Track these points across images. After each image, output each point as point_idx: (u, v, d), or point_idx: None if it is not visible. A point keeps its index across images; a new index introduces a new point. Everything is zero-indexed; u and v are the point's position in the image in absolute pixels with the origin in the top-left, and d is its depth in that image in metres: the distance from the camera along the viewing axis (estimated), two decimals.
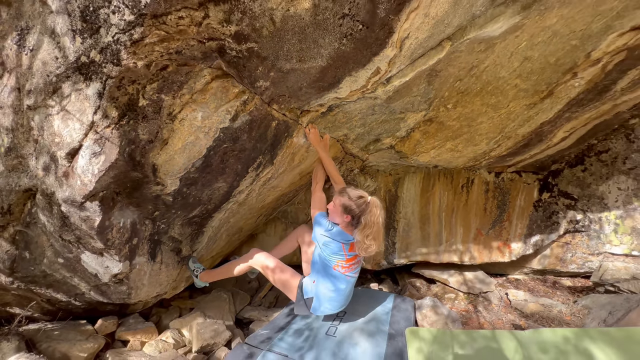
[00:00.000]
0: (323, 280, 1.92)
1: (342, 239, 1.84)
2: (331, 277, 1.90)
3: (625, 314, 2.11)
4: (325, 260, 1.89)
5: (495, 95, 1.97)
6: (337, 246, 1.84)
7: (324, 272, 1.91)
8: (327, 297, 1.93)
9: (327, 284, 1.91)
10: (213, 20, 1.07)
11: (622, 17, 1.49)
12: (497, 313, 2.76)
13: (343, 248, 1.85)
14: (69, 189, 1.39)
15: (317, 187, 2.13)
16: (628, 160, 2.86)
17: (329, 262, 1.88)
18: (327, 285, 1.91)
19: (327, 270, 1.90)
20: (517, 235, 3.04)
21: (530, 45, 1.65)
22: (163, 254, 2.03)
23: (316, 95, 1.62)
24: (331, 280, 1.90)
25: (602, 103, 2.10)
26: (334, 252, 1.85)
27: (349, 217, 1.82)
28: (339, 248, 1.84)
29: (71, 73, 1.21)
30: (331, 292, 1.92)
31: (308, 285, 1.98)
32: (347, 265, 1.89)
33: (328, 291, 1.92)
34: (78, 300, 2.06)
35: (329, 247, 1.84)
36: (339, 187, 2.00)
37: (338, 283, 1.91)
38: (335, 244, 1.83)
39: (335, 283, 1.91)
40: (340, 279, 1.91)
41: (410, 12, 1.19)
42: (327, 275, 1.90)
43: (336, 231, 1.83)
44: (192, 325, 2.32)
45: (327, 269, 1.90)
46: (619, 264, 2.62)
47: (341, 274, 1.90)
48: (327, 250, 1.85)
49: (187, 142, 1.47)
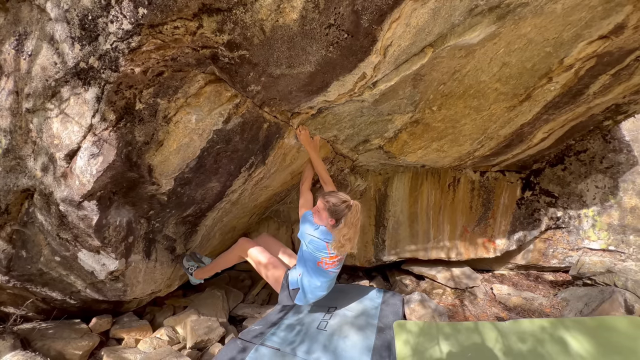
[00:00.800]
0: (308, 274, 2.04)
1: (326, 239, 1.94)
2: (315, 271, 2.03)
3: (599, 305, 2.24)
4: (311, 256, 2.00)
5: (477, 98, 2.07)
6: (321, 244, 1.95)
7: (308, 267, 2.04)
8: (311, 289, 2.07)
9: (311, 277, 2.04)
10: (207, 30, 1.13)
11: (590, 27, 1.60)
12: (482, 307, 2.88)
13: (327, 247, 1.95)
14: (67, 189, 1.44)
15: (305, 186, 2.23)
16: (605, 159, 3.00)
17: (314, 257, 2.00)
18: (311, 279, 2.05)
19: (312, 265, 2.02)
20: (501, 232, 3.16)
21: (507, 52, 1.75)
22: (158, 252, 2.08)
23: (306, 98, 1.70)
24: (315, 274, 2.04)
25: (576, 106, 2.22)
26: (319, 249, 1.96)
27: (333, 221, 1.93)
28: (323, 246, 1.95)
29: (70, 78, 1.27)
30: (315, 285, 2.06)
31: (294, 277, 2.09)
32: (331, 262, 2.02)
33: (312, 284, 2.06)
34: (73, 298, 2.10)
35: (314, 244, 1.95)
36: (324, 191, 2.10)
37: (321, 277, 2.05)
38: (319, 242, 1.94)
39: (319, 277, 2.05)
40: (323, 274, 2.05)
41: (392, 22, 1.28)
42: (312, 270, 2.03)
43: (321, 231, 1.94)
44: (186, 323, 2.37)
45: (312, 264, 2.02)
46: (595, 258, 2.76)
47: (324, 270, 2.03)
48: (311, 246, 1.97)
49: (181, 144, 1.54)
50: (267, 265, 2.13)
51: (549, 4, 1.43)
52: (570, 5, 1.44)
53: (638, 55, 1.81)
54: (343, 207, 1.90)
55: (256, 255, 2.15)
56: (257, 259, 2.15)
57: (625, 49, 1.75)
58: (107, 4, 1.10)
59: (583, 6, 1.46)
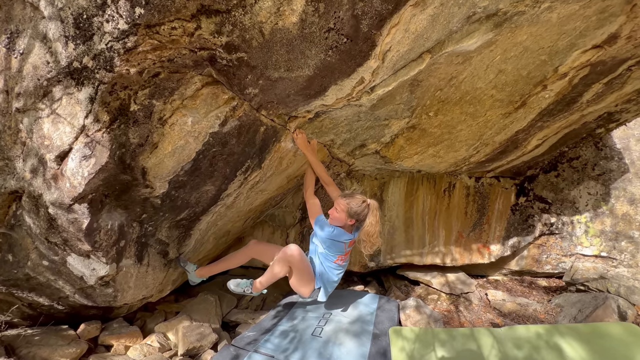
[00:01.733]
0: (326, 273, 2.18)
1: (345, 239, 2.05)
2: (332, 268, 2.18)
3: (593, 311, 2.25)
4: (328, 257, 2.13)
5: (473, 104, 2.09)
6: (340, 246, 2.07)
7: (326, 266, 2.17)
8: (330, 284, 2.24)
9: (329, 275, 2.19)
10: (205, 31, 1.12)
11: (584, 36, 1.63)
12: (477, 312, 2.87)
13: (344, 246, 2.09)
14: (58, 191, 1.40)
15: (309, 193, 2.26)
16: (597, 166, 3.05)
17: (331, 258, 2.13)
18: (329, 276, 2.20)
19: (329, 264, 2.16)
20: (496, 238, 3.18)
21: (503, 59, 1.77)
22: (150, 257, 2.04)
23: (303, 102, 1.69)
24: (332, 271, 2.19)
25: (570, 113, 2.25)
26: (339, 250, 2.09)
27: (353, 221, 2.02)
28: (342, 247, 2.08)
29: (63, 77, 1.24)
30: (333, 280, 2.23)
31: None
32: (345, 257, 2.19)
33: (331, 279, 2.22)
34: (61, 304, 2.04)
35: (335, 246, 2.07)
36: (339, 193, 2.15)
37: (337, 271, 2.21)
38: (339, 245, 2.06)
39: (335, 273, 2.21)
40: (338, 268, 2.21)
41: (391, 27, 1.28)
42: (329, 268, 2.17)
43: (338, 233, 2.02)
44: (177, 329, 2.32)
45: (329, 263, 2.15)
46: (588, 265, 2.78)
47: (339, 265, 2.19)
48: (332, 249, 2.08)
49: (177, 146, 1.51)
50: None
51: (545, 13, 1.45)
52: (566, 15, 1.47)
53: (630, 65, 1.85)
54: (363, 207, 1.99)
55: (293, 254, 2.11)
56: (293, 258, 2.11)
57: (618, 59, 1.79)
58: (103, 3, 1.08)
59: (578, 16, 1.48)
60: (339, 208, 2.00)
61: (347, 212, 1.98)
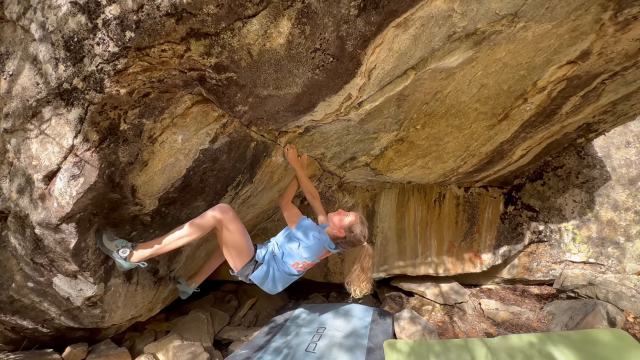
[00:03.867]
0: (277, 267, 1.91)
1: (327, 246, 1.90)
2: (285, 269, 1.90)
3: (583, 318, 2.28)
4: (290, 257, 1.88)
5: (458, 117, 2.16)
6: (318, 251, 1.86)
7: (280, 263, 1.91)
8: (276, 280, 1.93)
9: (280, 273, 1.91)
10: (194, 53, 1.15)
11: (559, 53, 1.71)
12: (471, 323, 2.87)
13: (320, 254, 1.90)
14: (45, 211, 1.39)
15: (285, 201, 2.13)
16: (580, 174, 3.14)
17: (292, 259, 1.87)
18: (280, 274, 1.91)
19: (285, 265, 1.90)
20: (486, 247, 3.21)
21: (485, 75, 1.85)
22: (139, 275, 2.00)
23: (293, 118, 1.72)
24: (283, 271, 1.91)
25: (551, 124, 2.33)
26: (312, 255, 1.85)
27: (343, 234, 1.89)
28: (317, 253, 1.87)
29: (52, 98, 1.24)
30: (280, 279, 1.93)
31: (262, 254, 1.93)
32: (304, 267, 1.93)
33: (279, 277, 1.92)
34: (46, 326, 1.98)
35: (311, 250, 1.84)
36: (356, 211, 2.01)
37: (289, 276, 1.94)
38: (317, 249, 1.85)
39: (287, 276, 1.93)
40: (291, 273, 1.93)
41: (376, 47, 1.33)
42: (282, 266, 1.90)
43: (325, 238, 1.88)
44: (168, 349, 2.26)
45: (286, 264, 1.89)
46: (577, 271, 2.83)
47: (295, 271, 1.92)
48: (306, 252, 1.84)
49: (167, 164, 1.52)
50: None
51: (521, 32, 1.53)
52: (540, 34, 1.55)
53: (604, 79, 1.94)
54: (361, 239, 1.90)
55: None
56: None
57: (592, 73, 1.88)
58: (94, 27, 1.10)
59: (551, 34, 1.56)
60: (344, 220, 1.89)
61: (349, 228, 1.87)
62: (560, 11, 1.43)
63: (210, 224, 1.68)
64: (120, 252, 1.60)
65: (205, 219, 1.68)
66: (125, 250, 1.61)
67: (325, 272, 3.35)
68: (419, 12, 1.25)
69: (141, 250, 1.64)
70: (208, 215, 1.68)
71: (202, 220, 1.68)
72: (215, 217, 1.68)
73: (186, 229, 1.66)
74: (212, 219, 1.68)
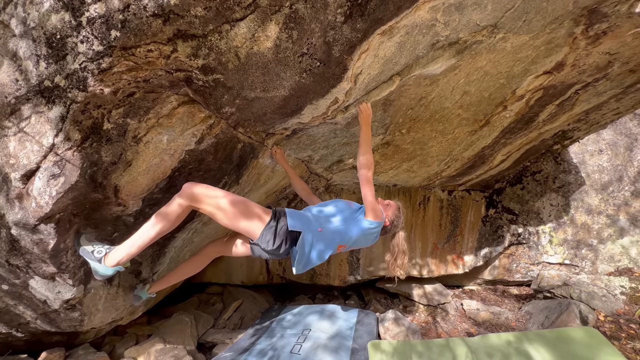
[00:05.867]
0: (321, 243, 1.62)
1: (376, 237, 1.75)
2: (329, 245, 1.63)
3: (558, 317, 2.38)
4: (340, 239, 1.64)
5: (442, 122, 2.22)
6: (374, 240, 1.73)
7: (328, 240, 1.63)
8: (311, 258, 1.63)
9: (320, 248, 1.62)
10: (181, 54, 1.15)
11: (536, 63, 1.80)
12: (453, 323, 2.94)
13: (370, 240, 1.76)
14: (22, 211, 1.35)
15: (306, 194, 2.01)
16: (557, 179, 3.28)
17: (341, 242, 1.64)
18: (318, 250, 1.61)
19: (332, 243, 1.64)
20: (469, 249, 3.30)
21: (467, 82, 1.91)
22: (121, 277, 1.96)
23: (280, 120, 1.74)
24: (325, 247, 1.63)
25: (529, 131, 2.43)
26: (368, 242, 1.72)
27: (388, 223, 1.75)
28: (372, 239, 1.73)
29: (32, 96, 1.21)
30: (316, 256, 1.62)
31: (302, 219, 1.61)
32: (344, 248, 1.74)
33: (316, 254, 1.62)
34: (21, 331, 1.91)
35: (369, 238, 1.69)
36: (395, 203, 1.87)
37: (325, 253, 1.65)
38: (375, 238, 1.72)
39: (325, 251, 1.64)
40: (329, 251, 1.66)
41: (362, 53, 1.36)
42: (329, 244, 1.64)
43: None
44: (149, 352, 2.22)
45: (334, 243, 1.64)
46: (553, 272, 2.95)
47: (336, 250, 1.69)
48: (364, 240, 1.68)
49: (151, 164, 1.50)
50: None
51: (500, 43, 1.60)
52: (518, 45, 1.62)
53: (577, 89, 2.05)
54: (399, 224, 1.80)
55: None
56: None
57: (566, 83, 1.98)
58: (78, 25, 1.09)
59: (529, 46, 1.64)
60: (389, 210, 1.79)
61: (395, 214, 1.77)
62: (536, 24, 1.50)
63: (176, 210, 1.42)
64: (95, 252, 1.45)
65: (171, 206, 1.43)
66: (100, 251, 1.45)
67: (312, 274, 3.36)
68: (403, 20, 1.29)
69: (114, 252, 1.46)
70: (174, 202, 1.43)
71: (167, 207, 1.44)
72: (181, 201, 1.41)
73: (152, 220, 1.45)
74: (176, 204, 1.42)
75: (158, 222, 1.43)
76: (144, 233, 1.45)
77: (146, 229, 1.44)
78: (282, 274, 3.43)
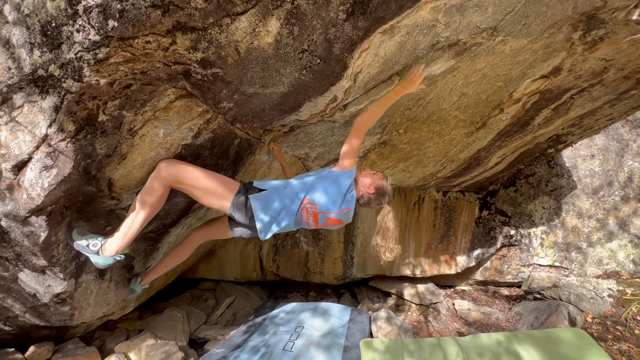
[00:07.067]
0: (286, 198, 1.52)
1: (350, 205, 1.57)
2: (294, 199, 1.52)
3: (547, 318, 2.42)
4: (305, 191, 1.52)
5: (439, 123, 2.23)
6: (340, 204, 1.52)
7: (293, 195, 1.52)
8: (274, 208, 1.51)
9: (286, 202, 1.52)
10: (180, 46, 1.13)
11: (533, 67, 1.82)
12: (445, 322, 2.98)
13: (339, 209, 1.53)
14: (12, 203, 1.32)
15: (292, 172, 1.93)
16: (549, 183, 3.32)
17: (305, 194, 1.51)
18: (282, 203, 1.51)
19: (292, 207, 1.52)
20: (462, 249, 3.34)
21: (465, 84, 1.92)
22: (113, 271, 1.94)
23: (278, 116, 1.73)
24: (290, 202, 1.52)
25: (524, 135, 2.46)
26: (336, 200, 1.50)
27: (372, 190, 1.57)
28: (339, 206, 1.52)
29: (25, 85, 1.18)
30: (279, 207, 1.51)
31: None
32: (314, 222, 1.56)
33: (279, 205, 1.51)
34: (9, 324, 1.87)
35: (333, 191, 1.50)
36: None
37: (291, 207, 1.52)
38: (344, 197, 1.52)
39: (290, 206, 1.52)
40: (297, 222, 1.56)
41: (362, 51, 1.36)
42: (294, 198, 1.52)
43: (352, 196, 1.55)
44: (140, 348, 2.20)
45: (293, 207, 1.52)
46: (543, 274, 2.99)
47: (303, 221, 1.56)
48: (328, 193, 1.50)
49: (147, 158, 1.48)
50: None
51: (499, 46, 1.61)
52: (517, 48, 1.63)
53: (573, 94, 2.07)
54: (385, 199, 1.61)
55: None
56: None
57: (562, 88, 2.00)
58: (74, 13, 1.06)
59: (527, 49, 1.66)
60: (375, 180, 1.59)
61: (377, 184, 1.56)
62: (535, 28, 1.51)
63: (156, 191, 1.42)
64: (90, 246, 1.46)
65: (148, 187, 1.43)
66: (96, 244, 1.45)
67: (305, 271, 3.37)
68: (405, 20, 1.29)
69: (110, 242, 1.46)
70: (152, 184, 1.43)
71: (146, 190, 1.43)
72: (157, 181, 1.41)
73: (136, 205, 1.44)
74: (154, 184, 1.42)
75: (142, 209, 1.44)
76: (132, 222, 1.45)
77: (133, 218, 1.45)
78: (276, 271, 3.43)
